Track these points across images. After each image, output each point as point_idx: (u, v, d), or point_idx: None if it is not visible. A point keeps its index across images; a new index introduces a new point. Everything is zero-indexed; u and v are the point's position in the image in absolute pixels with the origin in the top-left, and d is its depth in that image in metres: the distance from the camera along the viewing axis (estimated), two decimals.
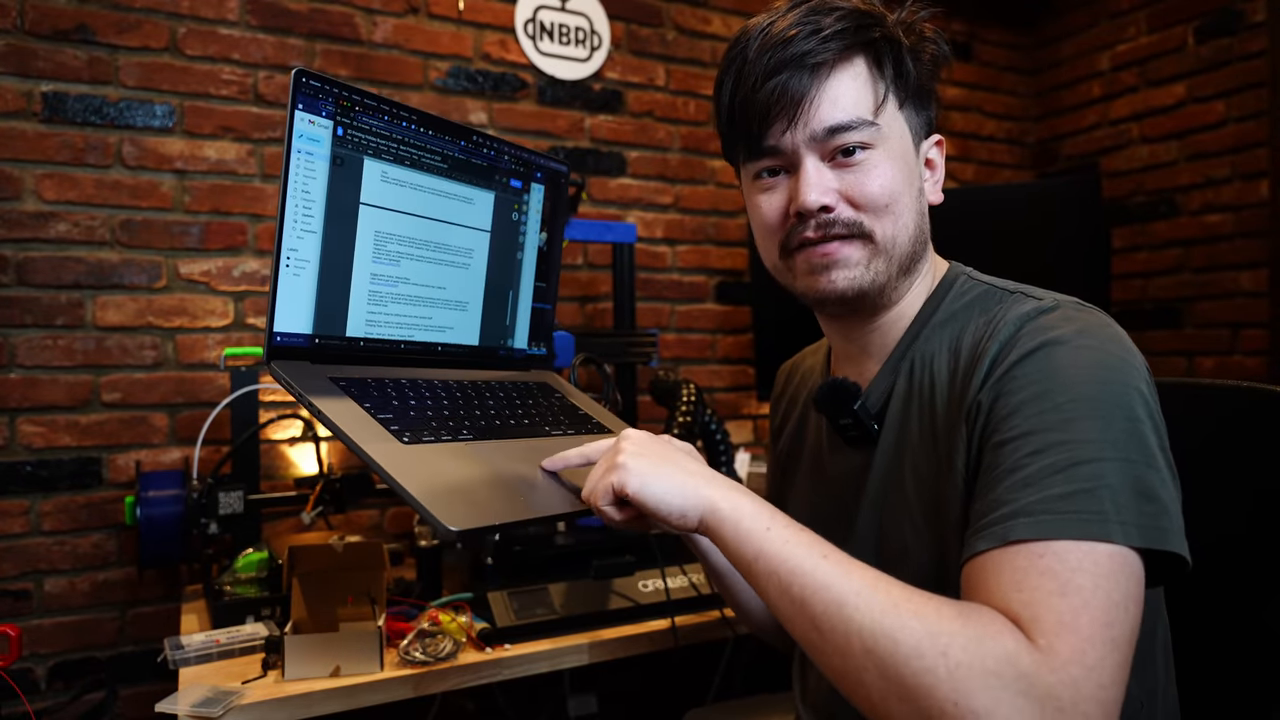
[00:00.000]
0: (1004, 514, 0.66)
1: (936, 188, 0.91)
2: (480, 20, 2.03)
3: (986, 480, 0.70)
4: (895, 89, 0.84)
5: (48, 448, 1.64)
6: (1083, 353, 0.71)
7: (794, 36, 0.80)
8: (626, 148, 2.20)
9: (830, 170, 0.82)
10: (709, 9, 2.31)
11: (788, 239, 0.85)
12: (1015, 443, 0.69)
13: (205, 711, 1.07)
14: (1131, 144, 2.52)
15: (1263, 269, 2.21)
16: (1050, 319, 0.75)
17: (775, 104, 0.81)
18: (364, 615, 1.29)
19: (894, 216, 0.83)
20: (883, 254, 0.83)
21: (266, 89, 1.82)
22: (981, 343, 0.79)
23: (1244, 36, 2.25)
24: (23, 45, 1.61)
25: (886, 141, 0.83)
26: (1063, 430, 0.67)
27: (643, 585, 1.44)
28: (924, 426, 0.83)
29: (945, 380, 0.82)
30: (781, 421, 1.11)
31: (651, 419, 2.16)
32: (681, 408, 1.52)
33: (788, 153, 0.83)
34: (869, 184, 0.81)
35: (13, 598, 1.60)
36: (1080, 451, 0.65)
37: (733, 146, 0.89)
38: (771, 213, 0.86)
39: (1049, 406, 0.68)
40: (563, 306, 2.12)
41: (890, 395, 0.87)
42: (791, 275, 0.88)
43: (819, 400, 0.88)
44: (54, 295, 1.64)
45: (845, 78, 0.82)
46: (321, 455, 1.59)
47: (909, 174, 0.85)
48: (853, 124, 0.81)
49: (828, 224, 0.82)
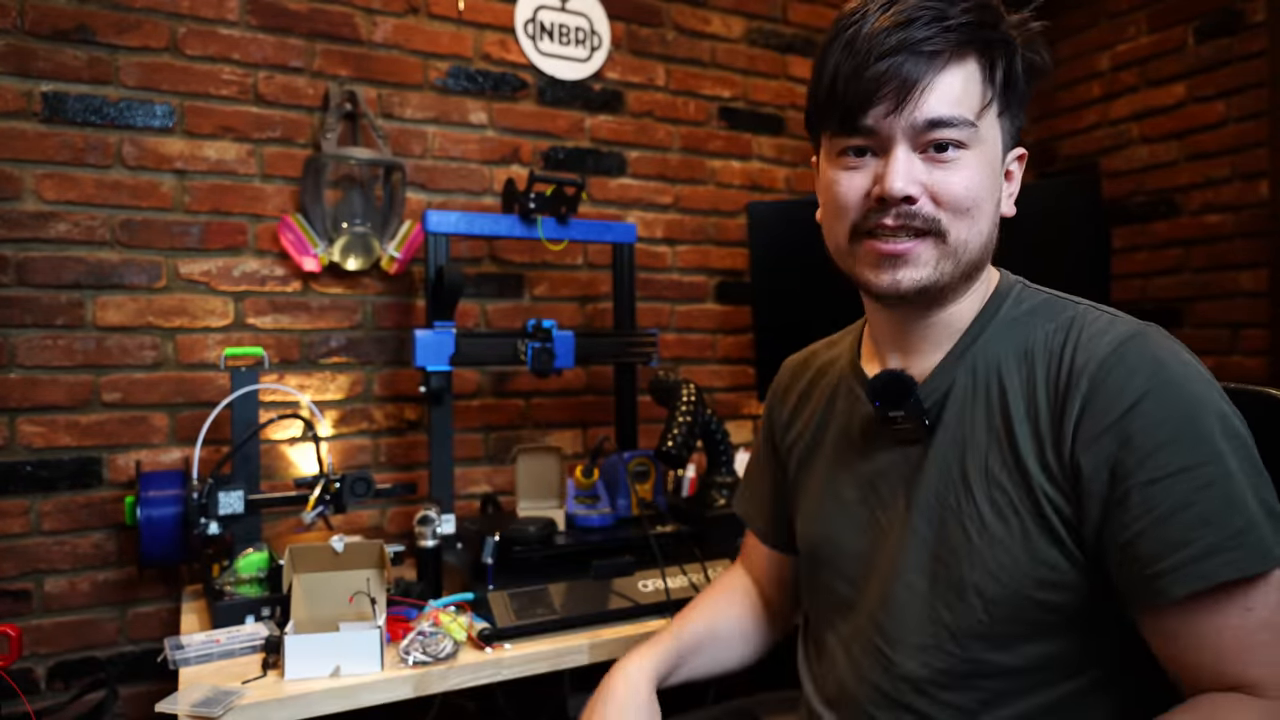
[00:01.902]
0: (1194, 554, 0.70)
1: (1010, 200, 0.90)
2: (480, 20, 2.03)
3: (1150, 517, 0.72)
4: (1001, 94, 0.83)
5: (48, 448, 1.64)
6: (1195, 384, 0.75)
7: (917, 20, 0.79)
8: (626, 148, 2.20)
9: (920, 162, 0.81)
10: (709, 9, 2.31)
11: (862, 220, 0.84)
12: (1174, 479, 0.71)
13: (205, 711, 1.07)
14: (1131, 144, 2.52)
15: (1263, 269, 2.21)
16: (1148, 344, 0.77)
17: (885, 84, 0.79)
18: (364, 615, 1.29)
19: (971, 220, 0.82)
20: (952, 256, 0.82)
21: (266, 89, 1.82)
22: (1065, 355, 0.80)
23: (1244, 36, 2.25)
24: (23, 45, 1.61)
25: (981, 145, 0.82)
26: (1212, 464, 0.71)
27: (643, 585, 1.44)
28: (994, 429, 0.83)
29: (1019, 386, 0.82)
30: (791, 414, 1.09)
31: (651, 419, 2.16)
32: (681, 408, 1.52)
33: (882, 135, 0.81)
34: (955, 184, 0.81)
35: (13, 598, 1.60)
36: (1231, 484, 0.71)
37: (824, 116, 0.86)
38: (851, 192, 0.84)
39: (1194, 441, 0.72)
40: (563, 306, 2.12)
41: (949, 393, 0.87)
42: (854, 261, 0.86)
43: (875, 389, 0.86)
44: (54, 295, 1.64)
45: (958, 72, 0.80)
46: (321, 455, 1.59)
47: (994, 181, 0.84)
48: (954, 120, 0.79)
49: (908, 215, 0.81)
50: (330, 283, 1.88)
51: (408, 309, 1.95)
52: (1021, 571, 0.78)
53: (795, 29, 2.43)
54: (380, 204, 1.87)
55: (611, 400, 2.07)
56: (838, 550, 0.95)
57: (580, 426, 2.14)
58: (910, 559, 0.85)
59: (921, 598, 0.84)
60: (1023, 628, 0.79)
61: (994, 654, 0.80)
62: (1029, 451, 0.80)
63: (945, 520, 0.84)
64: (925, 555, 0.84)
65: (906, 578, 0.85)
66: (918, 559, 0.85)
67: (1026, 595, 0.78)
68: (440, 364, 1.58)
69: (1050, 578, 0.78)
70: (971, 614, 0.80)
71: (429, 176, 1.97)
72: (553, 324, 1.66)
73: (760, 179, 2.38)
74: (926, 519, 0.85)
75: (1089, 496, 0.76)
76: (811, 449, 1.03)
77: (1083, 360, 0.78)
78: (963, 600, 0.81)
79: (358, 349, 1.90)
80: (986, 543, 0.80)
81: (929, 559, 0.84)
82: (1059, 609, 0.78)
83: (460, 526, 1.62)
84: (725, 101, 2.33)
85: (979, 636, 0.81)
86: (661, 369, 1.69)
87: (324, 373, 1.87)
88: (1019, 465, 0.80)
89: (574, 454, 2.11)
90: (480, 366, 1.97)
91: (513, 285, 2.07)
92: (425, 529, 1.45)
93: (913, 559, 0.85)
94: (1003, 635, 0.80)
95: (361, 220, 1.81)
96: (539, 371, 1.63)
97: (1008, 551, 0.79)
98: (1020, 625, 0.79)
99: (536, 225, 1.72)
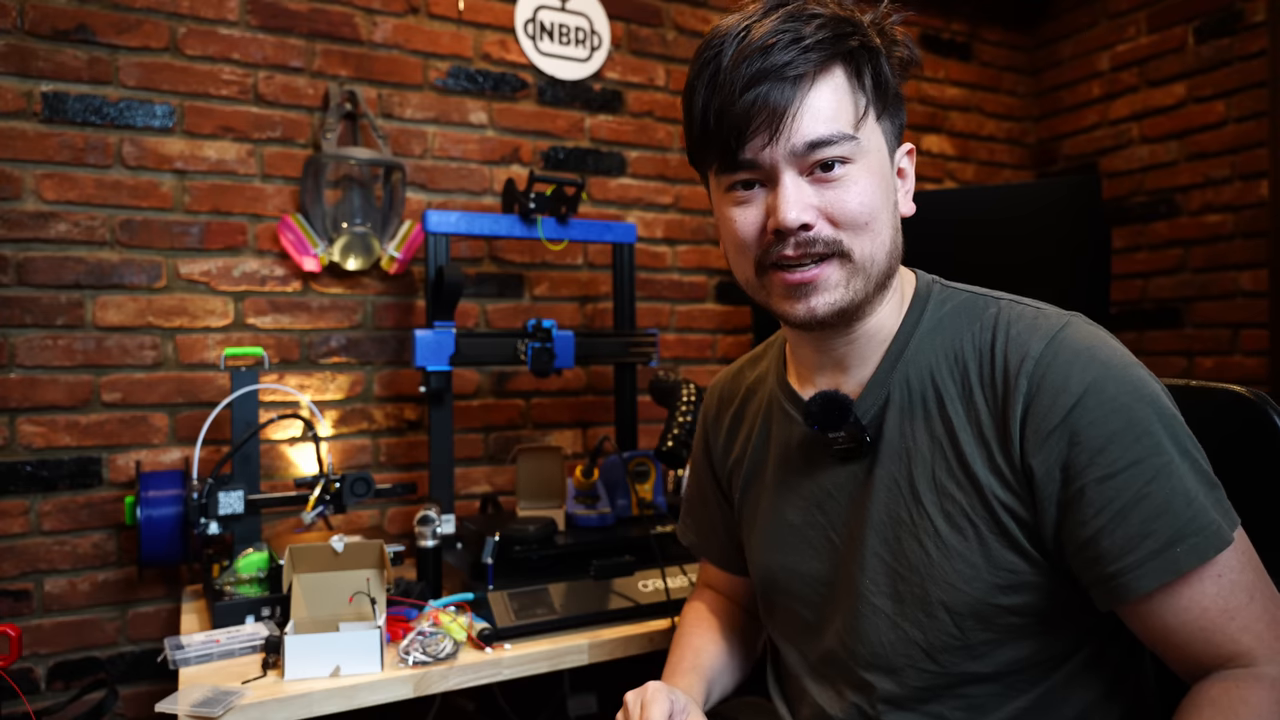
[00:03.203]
0: (1155, 547, 0.72)
1: (908, 198, 0.88)
2: (480, 20, 2.03)
3: (1109, 513, 0.73)
4: (875, 99, 0.82)
5: (48, 448, 1.64)
6: (1129, 370, 0.76)
7: (773, 45, 0.77)
8: (626, 148, 2.20)
9: (809, 185, 0.79)
10: (709, 9, 2.31)
11: (764, 255, 0.82)
12: (1125, 474, 0.73)
13: (205, 711, 1.07)
14: (1131, 144, 2.52)
15: (1263, 269, 2.21)
16: (1078, 336, 0.77)
17: (755, 116, 0.77)
18: (364, 615, 1.29)
19: (873, 234, 0.81)
20: (861, 272, 0.81)
21: (266, 89, 1.82)
22: (997, 354, 0.79)
23: (1244, 36, 2.25)
24: (23, 45, 1.61)
25: (866, 155, 0.80)
26: (1156, 454, 0.72)
27: (643, 585, 1.44)
28: (937, 439, 0.82)
29: (955, 392, 0.82)
30: (726, 439, 1.07)
31: (651, 419, 2.16)
32: (681, 408, 1.52)
33: (765, 167, 0.79)
34: (849, 201, 0.79)
35: (13, 598, 1.60)
36: (1175, 470, 0.72)
37: (703, 155, 0.85)
38: (747, 228, 0.82)
39: (1137, 433, 0.73)
40: (563, 307, 2.12)
41: (885, 406, 0.86)
42: (766, 294, 0.85)
43: (811, 414, 0.85)
44: (54, 295, 1.64)
45: (826, 90, 0.79)
46: (321, 455, 1.59)
47: (887, 188, 0.83)
48: (834, 138, 0.78)
49: (807, 242, 0.79)
50: (330, 283, 1.88)
51: (408, 309, 1.95)
52: (983, 580, 0.78)
53: None
54: (380, 204, 1.87)
55: (611, 400, 2.07)
56: (794, 575, 0.93)
57: (580, 426, 2.14)
58: (870, 580, 0.84)
59: (888, 619, 0.83)
60: (995, 633, 0.79)
61: (972, 664, 0.80)
62: (976, 458, 0.79)
63: (900, 537, 0.83)
64: (885, 574, 0.83)
65: (870, 600, 0.84)
66: (878, 579, 0.84)
67: (991, 602, 0.78)
68: (440, 364, 1.58)
69: (1012, 581, 0.78)
70: (942, 629, 0.80)
71: (429, 176, 1.97)
72: (553, 324, 1.65)
73: None
74: (881, 537, 0.84)
75: (1043, 498, 0.76)
76: (752, 474, 1.01)
77: (1016, 359, 0.78)
78: (931, 618, 0.80)
79: (358, 349, 1.90)
80: (945, 555, 0.80)
81: (889, 578, 0.83)
82: (1026, 610, 0.79)
83: (460, 526, 1.62)
84: None
85: (954, 650, 0.80)
86: (661, 369, 1.69)
87: (324, 373, 1.87)
88: (967, 473, 0.79)
89: (574, 454, 2.11)
90: (480, 366, 1.97)
91: (513, 285, 2.07)
92: (425, 529, 1.45)
93: (873, 580, 0.84)
94: (977, 644, 0.80)
95: (361, 220, 1.81)
96: (539, 371, 1.63)
97: (967, 562, 0.79)
98: (992, 631, 0.79)
99: (536, 225, 1.72)
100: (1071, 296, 1.87)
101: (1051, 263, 1.86)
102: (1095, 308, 1.90)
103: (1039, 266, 1.83)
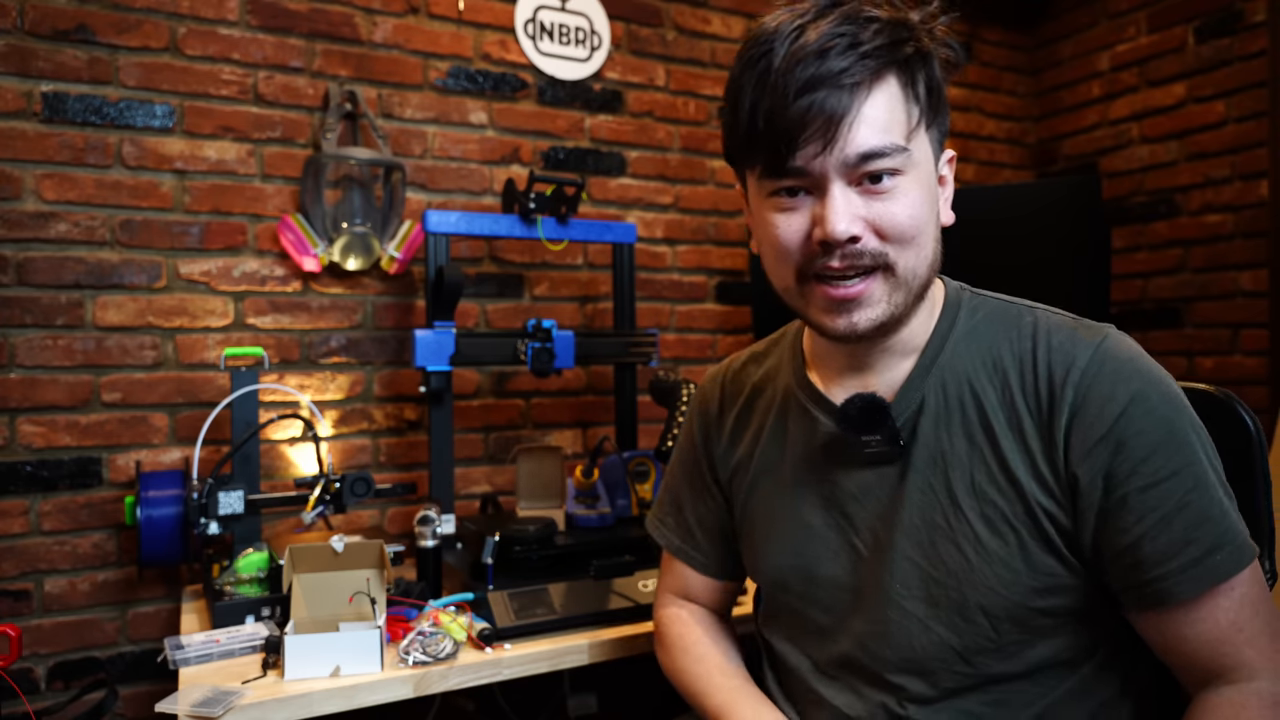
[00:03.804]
0: (1196, 554, 0.74)
1: (947, 206, 0.87)
2: (480, 20, 2.03)
3: (1151, 520, 0.75)
4: (926, 108, 0.80)
5: (48, 448, 1.64)
6: (1167, 382, 0.79)
7: (830, 49, 0.74)
8: (626, 148, 2.20)
9: (857, 196, 0.77)
10: (709, 9, 2.31)
11: (807, 264, 0.80)
12: (1168, 484, 0.75)
13: (205, 711, 1.07)
14: (1131, 144, 2.52)
15: (1263, 269, 2.21)
16: (1120, 347, 0.80)
17: (809, 124, 0.75)
18: (364, 615, 1.29)
19: (918, 248, 0.79)
20: (903, 286, 0.80)
21: (266, 89, 1.82)
22: (1040, 364, 0.81)
23: (1244, 36, 2.25)
24: (23, 45, 1.61)
25: (916, 167, 0.79)
26: (1196, 464, 0.75)
27: (643, 585, 1.44)
28: (976, 444, 0.82)
29: (996, 399, 0.82)
30: (730, 438, 1.03)
31: (651, 419, 2.16)
32: (681, 408, 1.52)
33: (814, 175, 0.77)
34: (898, 214, 0.77)
35: (13, 598, 1.60)
36: (1210, 481, 0.76)
37: (747, 157, 0.82)
38: (790, 236, 0.80)
39: (1178, 443, 0.75)
40: (563, 307, 2.12)
41: (920, 410, 0.85)
42: (805, 304, 0.84)
43: (850, 416, 0.84)
44: (54, 295, 1.64)
45: (881, 98, 0.76)
46: (321, 455, 1.59)
47: (932, 200, 0.82)
48: (887, 150, 0.76)
49: (854, 255, 0.78)
50: (330, 283, 1.88)
51: (408, 309, 1.95)
52: (1022, 584, 0.79)
53: None
54: (380, 204, 1.87)
55: (611, 400, 2.07)
56: (810, 578, 0.91)
57: (580, 426, 2.14)
58: (901, 584, 0.84)
59: (919, 623, 0.83)
60: (1027, 634, 0.80)
61: (1003, 664, 0.81)
62: (1018, 463, 0.80)
63: (935, 541, 0.82)
64: (918, 578, 0.83)
65: (901, 604, 0.83)
66: (910, 583, 0.83)
67: (1029, 605, 0.79)
68: (440, 364, 1.58)
69: (1049, 585, 0.79)
70: (980, 633, 0.80)
71: (429, 176, 1.97)
72: (553, 324, 1.65)
73: None
74: (914, 541, 0.83)
75: (1085, 505, 0.77)
76: (761, 473, 0.98)
77: (1062, 368, 0.79)
78: (969, 622, 0.81)
79: (358, 349, 1.90)
80: (985, 560, 0.80)
81: (923, 582, 0.83)
82: (1058, 611, 0.80)
83: (460, 526, 1.62)
84: None
85: (987, 651, 0.81)
86: (661, 369, 1.69)
87: (324, 373, 1.87)
88: (1009, 478, 0.80)
89: (574, 454, 2.11)
90: (480, 366, 1.97)
91: (513, 285, 2.07)
92: (425, 529, 1.45)
93: (904, 584, 0.84)
94: (1009, 644, 0.81)
95: (361, 220, 1.81)
96: (539, 371, 1.63)
97: (1007, 566, 0.79)
98: (1025, 633, 0.80)
99: (536, 225, 1.72)
100: (1071, 296, 1.87)
101: (1051, 263, 1.86)
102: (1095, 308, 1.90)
103: (1039, 266, 1.83)
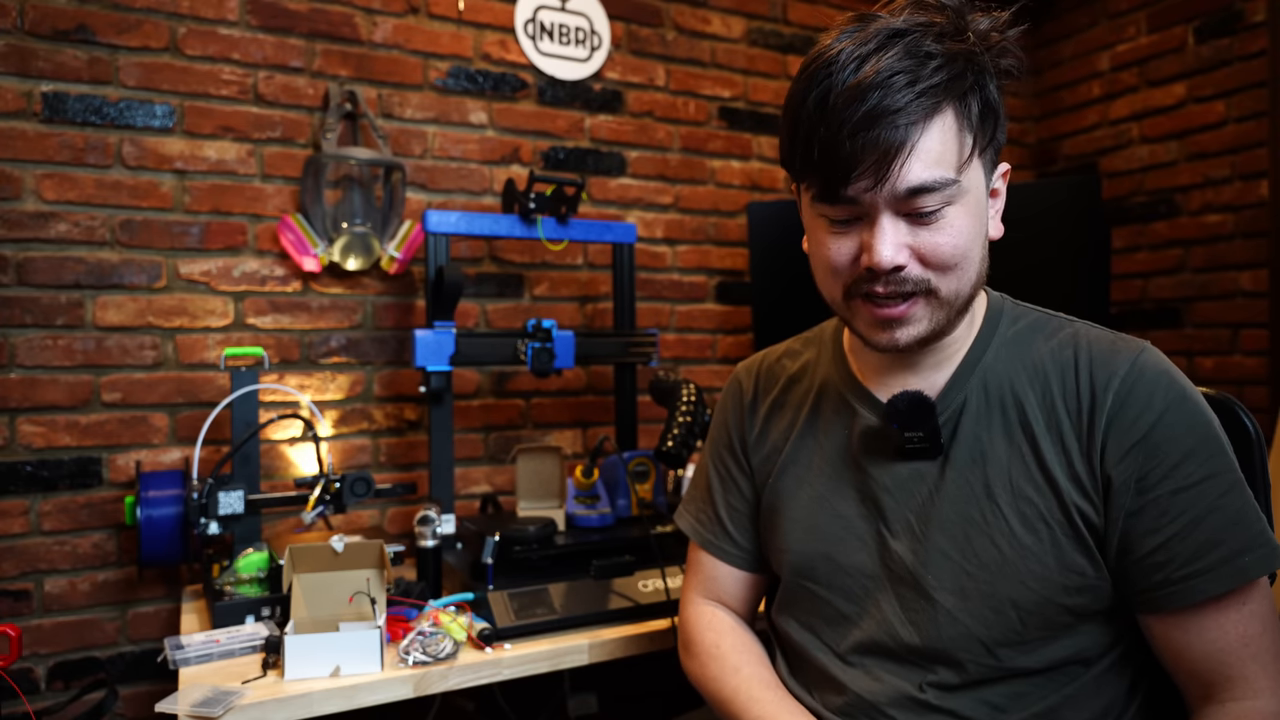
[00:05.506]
0: (1225, 555, 0.77)
1: (997, 218, 0.90)
2: (480, 20, 2.03)
3: (1182, 521, 0.78)
4: (980, 133, 0.82)
5: (48, 448, 1.64)
6: (1197, 396, 0.82)
7: (890, 85, 0.75)
8: (626, 148, 2.20)
9: (905, 225, 0.80)
10: (709, 9, 2.31)
11: (854, 285, 0.85)
12: (1200, 487, 0.78)
13: (205, 711, 1.07)
14: (1131, 144, 2.52)
15: (1263, 269, 2.21)
16: (1156, 360, 0.83)
17: (863, 160, 0.77)
18: (364, 615, 1.29)
19: (960, 273, 0.82)
20: (946, 306, 0.84)
21: (266, 89, 1.82)
22: (1081, 371, 0.84)
23: (1244, 36, 2.25)
24: (23, 45, 1.61)
25: (965, 195, 0.81)
26: (1229, 471, 0.79)
27: (643, 585, 1.44)
28: (1015, 444, 0.85)
29: (1036, 402, 0.86)
30: (763, 427, 1.05)
31: (651, 419, 2.16)
32: (681, 408, 1.52)
33: (864, 205, 0.80)
34: (942, 245, 0.80)
35: (13, 598, 1.60)
36: (1242, 488, 0.79)
37: (802, 176, 0.84)
38: (840, 258, 0.84)
39: (1211, 450, 0.79)
40: (563, 307, 2.12)
41: (962, 410, 0.89)
42: (851, 316, 0.88)
43: (898, 411, 0.87)
44: (54, 295, 1.64)
45: (935, 132, 0.78)
46: (321, 455, 1.59)
47: (980, 223, 0.84)
48: (937, 185, 0.78)
49: (898, 281, 0.81)
50: (330, 283, 1.88)
51: (408, 309, 1.95)
52: (1053, 579, 0.82)
53: (795, 29, 2.43)
54: (380, 204, 1.87)
55: (611, 400, 2.07)
56: (836, 565, 0.94)
57: (580, 426, 2.14)
58: (934, 575, 0.86)
59: (948, 614, 0.85)
60: (1051, 631, 0.83)
61: (1024, 659, 0.84)
62: (1056, 464, 0.83)
63: (970, 535, 0.85)
64: (950, 571, 0.86)
65: (932, 595, 0.86)
66: (942, 575, 0.86)
67: (1056, 602, 0.82)
68: (440, 364, 1.58)
69: (1078, 583, 0.82)
70: (1008, 626, 0.83)
71: (429, 176, 1.97)
72: (553, 324, 1.66)
73: (760, 179, 2.38)
74: (948, 534, 0.86)
75: (1115, 506, 0.81)
76: (791, 462, 1.00)
77: (1103, 376, 0.83)
78: (999, 614, 0.83)
79: (358, 349, 1.90)
80: (1019, 554, 0.83)
81: (955, 574, 0.86)
82: (1082, 610, 0.83)
83: (460, 526, 1.62)
84: (725, 101, 2.33)
85: (1012, 644, 0.84)
86: (661, 369, 1.69)
87: (324, 373, 1.87)
88: (1047, 477, 0.83)
89: (574, 454, 2.11)
90: (480, 366, 1.97)
91: (513, 285, 2.07)
92: (425, 529, 1.45)
93: (936, 575, 0.86)
94: (1033, 640, 0.83)
95: (361, 220, 1.81)
96: (539, 371, 1.63)
97: (1039, 561, 0.82)
98: (1048, 629, 0.83)
99: (536, 225, 1.72)
100: (1072, 296, 1.87)
101: (1052, 263, 1.86)
102: (1095, 308, 1.90)
103: (1039, 266, 1.83)
